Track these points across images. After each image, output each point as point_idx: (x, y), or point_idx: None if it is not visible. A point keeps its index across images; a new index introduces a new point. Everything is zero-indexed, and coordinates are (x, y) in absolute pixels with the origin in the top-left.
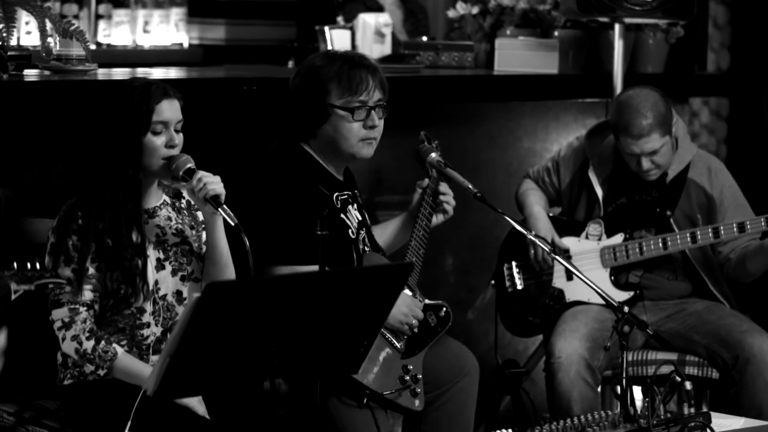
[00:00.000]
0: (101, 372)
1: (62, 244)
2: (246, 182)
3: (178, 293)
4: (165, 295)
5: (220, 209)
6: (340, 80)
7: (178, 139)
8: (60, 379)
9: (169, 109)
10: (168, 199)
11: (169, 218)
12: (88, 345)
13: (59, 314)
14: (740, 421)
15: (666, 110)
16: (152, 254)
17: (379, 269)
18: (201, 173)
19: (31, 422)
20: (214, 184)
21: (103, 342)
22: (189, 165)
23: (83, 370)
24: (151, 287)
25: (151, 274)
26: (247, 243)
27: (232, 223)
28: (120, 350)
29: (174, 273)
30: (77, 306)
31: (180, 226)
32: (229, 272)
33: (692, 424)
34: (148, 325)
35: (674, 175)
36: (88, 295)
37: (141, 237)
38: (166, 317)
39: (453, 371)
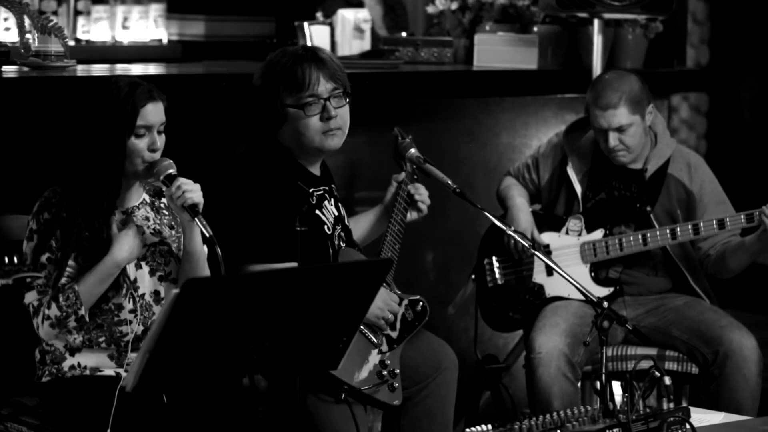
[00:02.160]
0: (82, 311)
1: (40, 230)
2: (222, 179)
3: (156, 293)
4: (143, 294)
5: (196, 219)
6: (286, 79)
7: (160, 141)
8: (38, 376)
9: (154, 113)
10: (147, 198)
11: (147, 218)
12: (53, 310)
13: (30, 297)
14: (719, 416)
15: (639, 91)
16: None
17: (358, 265)
18: (181, 180)
19: (9, 419)
20: (193, 192)
21: (59, 296)
22: (170, 171)
23: (61, 367)
24: (129, 282)
25: (132, 271)
26: (220, 254)
27: (207, 235)
28: (74, 284)
29: (152, 273)
30: (47, 289)
31: (158, 227)
32: (205, 274)
33: (671, 419)
34: (128, 322)
35: (654, 170)
36: (60, 281)
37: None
38: (146, 316)
39: (432, 366)
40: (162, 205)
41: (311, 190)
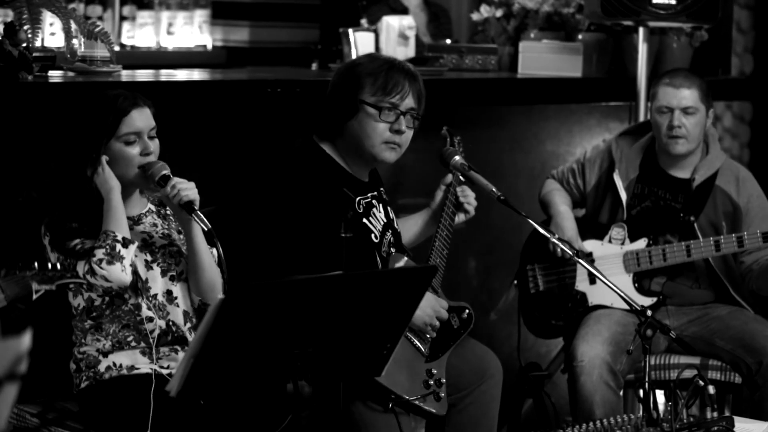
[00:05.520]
0: (119, 236)
1: (57, 237)
2: (264, 186)
3: (169, 293)
4: (156, 294)
5: (193, 215)
6: (377, 78)
7: (153, 146)
8: (76, 384)
9: (140, 119)
10: (153, 207)
11: (155, 225)
12: (99, 254)
13: (80, 268)
14: (763, 426)
15: (708, 89)
16: (140, 256)
17: (402, 271)
18: (175, 180)
19: (54, 423)
20: (188, 190)
21: (94, 242)
22: (164, 172)
23: (98, 370)
24: (142, 282)
25: (143, 272)
26: (221, 251)
27: (205, 228)
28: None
29: (163, 273)
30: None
31: (167, 231)
32: (215, 276)
33: (715, 428)
34: (150, 319)
35: (701, 180)
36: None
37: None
38: (160, 315)
39: (476, 373)
40: (168, 212)
41: (358, 198)
